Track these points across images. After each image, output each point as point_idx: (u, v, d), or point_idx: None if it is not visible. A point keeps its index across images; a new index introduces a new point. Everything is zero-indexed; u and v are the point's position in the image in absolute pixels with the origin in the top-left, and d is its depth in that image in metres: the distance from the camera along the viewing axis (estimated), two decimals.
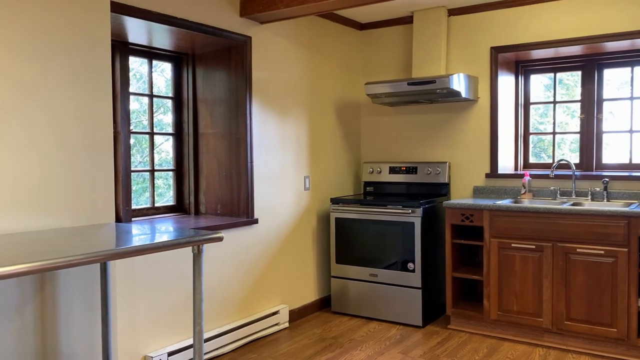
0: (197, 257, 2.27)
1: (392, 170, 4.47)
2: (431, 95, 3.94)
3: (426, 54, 4.19)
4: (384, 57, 4.63)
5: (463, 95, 3.90)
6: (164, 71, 3.62)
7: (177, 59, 3.66)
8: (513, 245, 3.54)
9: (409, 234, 3.86)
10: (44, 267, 1.69)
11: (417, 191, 4.40)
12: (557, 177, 3.89)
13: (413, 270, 3.86)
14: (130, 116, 3.21)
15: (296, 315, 4.04)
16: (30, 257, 1.73)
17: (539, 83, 4.21)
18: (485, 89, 4.14)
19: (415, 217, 3.83)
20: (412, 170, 4.38)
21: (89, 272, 2.53)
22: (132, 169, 3.37)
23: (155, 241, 2.07)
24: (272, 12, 3.41)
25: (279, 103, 3.85)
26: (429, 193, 4.35)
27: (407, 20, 4.44)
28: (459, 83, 3.83)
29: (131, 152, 3.26)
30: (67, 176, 2.45)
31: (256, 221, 3.62)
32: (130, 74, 3.36)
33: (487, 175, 4.13)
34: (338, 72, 4.48)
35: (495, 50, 4.07)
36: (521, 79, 4.25)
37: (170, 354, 3.01)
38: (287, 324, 3.88)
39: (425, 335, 3.70)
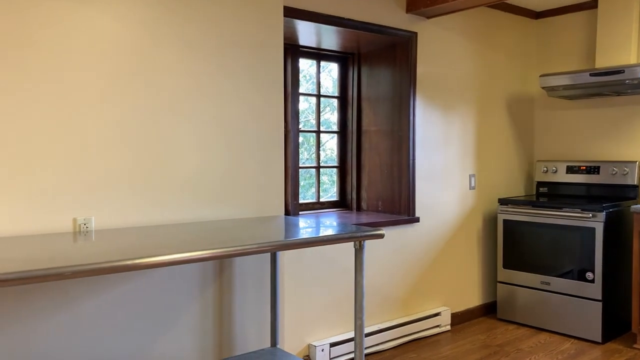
0: (358, 252, 2.30)
1: (570, 170, 4.09)
2: (618, 86, 3.53)
3: (613, 42, 3.76)
4: (561, 47, 4.26)
5: None
6: (330, 71, 3.74)
7: (343, 59, 3.76)
8: None
9: (589, 241, 3.50)
10: (222, 254, 1.85)
11: (599, 193, 3.97)
12: None
13: (592, 281, 3.50)
14: (299, 115, 3.37)
15: (458, 319, 3.91)
16: (211, 244, 1.90)
17: None
18: None
19: (596, 222, 3.47)
20: (593, 170, 3.97)
21: (260, 261, 2.71)
22: (300, 165, 3.54)
23: (320, 234, 2.14)
24: (440, 6, 3.32)
25: (444, 98, 3.75)
26: (614, 196, 3.90)
27: (589, 5, 4.03)
28: None
29: (299, 149, 3.43)
30: (244, 171, 2.65)
31: (417, 220, 3.57)
32: (300, 75, 3.53)
33: None
34: (509, 65, 4.22)
35: None
36: None
37: (333, 344, 3.10)
38: (448, 327, 3.77)
39: (605, 353, 3.33)
